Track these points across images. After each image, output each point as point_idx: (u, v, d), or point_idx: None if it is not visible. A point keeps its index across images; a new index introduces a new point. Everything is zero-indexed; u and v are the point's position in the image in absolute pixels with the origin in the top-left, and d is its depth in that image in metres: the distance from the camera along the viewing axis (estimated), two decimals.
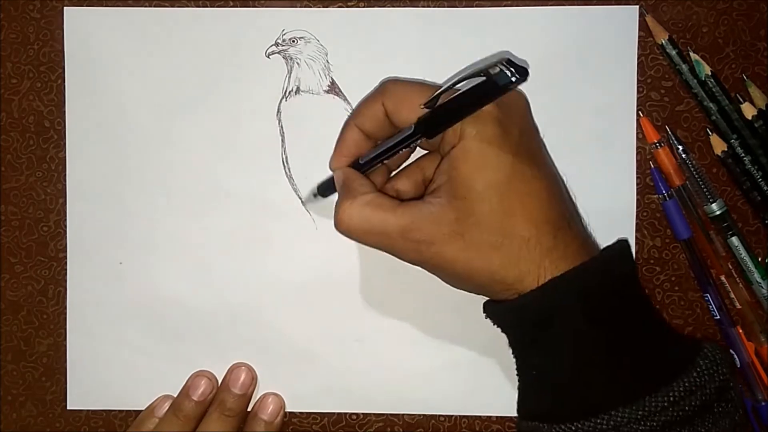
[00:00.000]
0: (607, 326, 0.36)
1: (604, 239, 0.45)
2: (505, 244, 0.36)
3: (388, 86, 0.40)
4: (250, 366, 0.46)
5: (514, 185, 0.36)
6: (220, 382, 0.46)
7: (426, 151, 0.43)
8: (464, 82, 0.36)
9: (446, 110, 0.37)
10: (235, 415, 0.45)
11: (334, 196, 0.42)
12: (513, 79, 0.34)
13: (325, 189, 0.44)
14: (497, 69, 0.34)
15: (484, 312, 0.40)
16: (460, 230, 0.36)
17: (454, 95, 0.37)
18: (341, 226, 0.39)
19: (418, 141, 0.39)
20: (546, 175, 0.38)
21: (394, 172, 0.44)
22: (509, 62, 0.34)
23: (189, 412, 0.44)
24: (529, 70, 0.34)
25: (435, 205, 0.37)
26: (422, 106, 0.38)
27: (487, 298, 0.40)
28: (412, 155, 0.44)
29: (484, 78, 0.35)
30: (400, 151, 0.40)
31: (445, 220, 0.37)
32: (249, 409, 0.46)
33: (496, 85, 0.34)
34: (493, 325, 0.39)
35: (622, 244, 0.40)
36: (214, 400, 0.45)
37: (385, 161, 0.41)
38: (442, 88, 0.37)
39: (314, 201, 0.45)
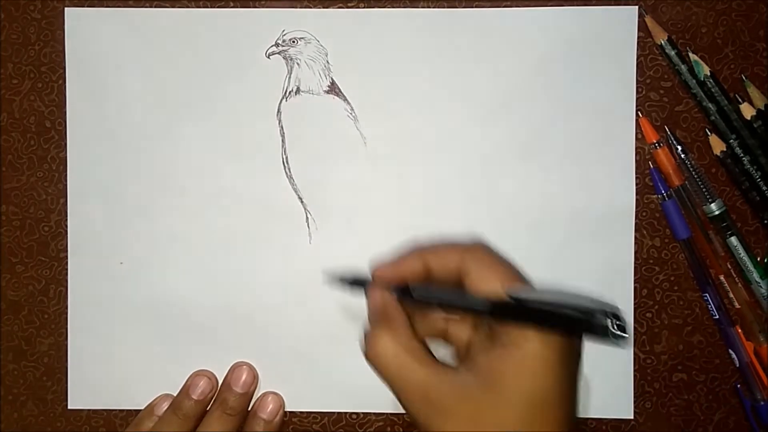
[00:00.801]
0: None
1: (603, 239, 0.45)
2: None
3: (479, 250, 0.38)
4: (251, 365, 0.46)
5: (544, 409, 0.34)
6: (220, 381, 0.46)
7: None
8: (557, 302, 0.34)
9: (528, 310, 0.34)
10: (236, 414, 0.45)
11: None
12: (611, 338, 0.32)
13: (353, 285, 0.40)
14: (602, 318, 0.33)
15: None
16: (475, 417, 0.35)
17: (544, 304, 0.34)
18: (372, 355, 0.37)
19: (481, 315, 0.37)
20: (570, 421, 0.35)
21: None
22: (617, 319, 0.32)
23: (188, 411, 0.45)
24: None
25: (466, 379, 0.35)
26: (508, 295, 0.35)
27: None
28: None
29: (581, 315, 0.33)
30: (459, 313, 0.38)
31: (466, 399, 0.35)
32: (249, 408, 0.46)
33: (590, 329, 0.33)
34: None
35: None
36: (215, 399, 0.45)
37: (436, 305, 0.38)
38: (533, 296, 0.35)
39: (334, 283, 0.41)
